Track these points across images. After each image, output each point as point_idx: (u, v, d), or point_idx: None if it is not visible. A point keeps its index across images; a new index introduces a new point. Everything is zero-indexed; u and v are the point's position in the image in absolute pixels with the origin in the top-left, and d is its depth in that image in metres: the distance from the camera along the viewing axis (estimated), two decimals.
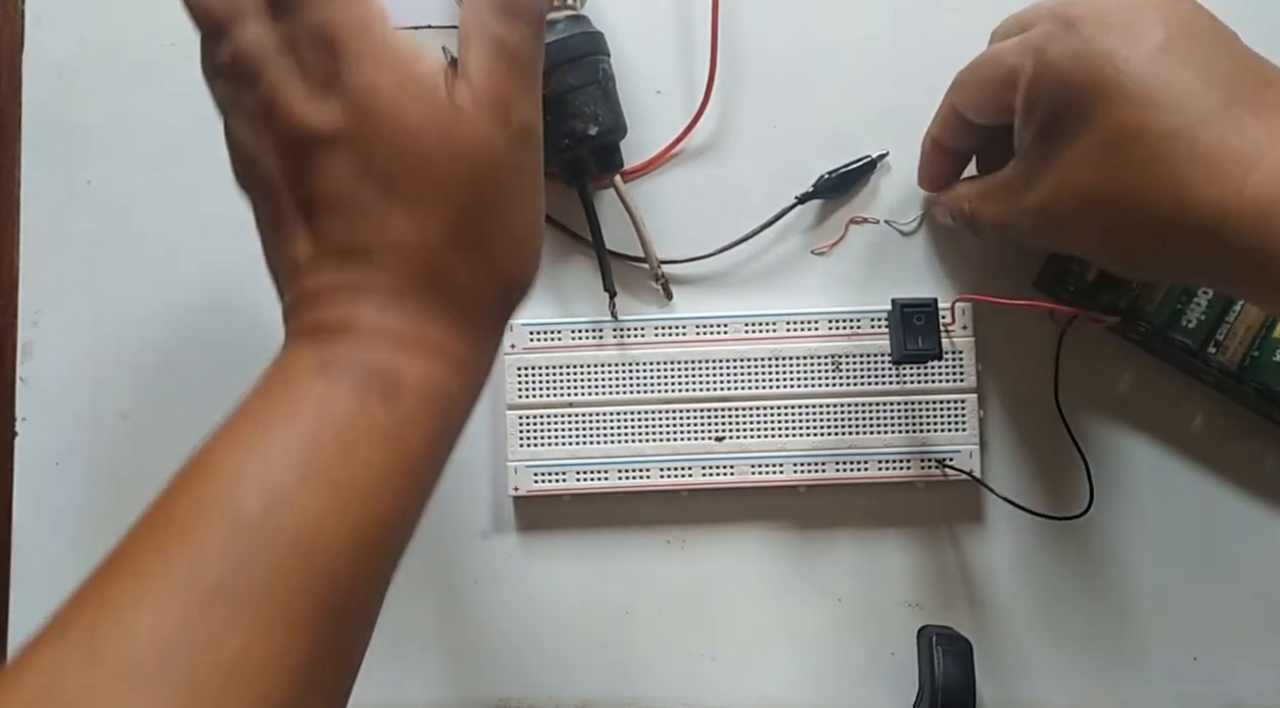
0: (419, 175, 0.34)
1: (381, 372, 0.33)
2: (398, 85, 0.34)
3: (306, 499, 0.31)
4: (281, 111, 0.34)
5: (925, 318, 0.47)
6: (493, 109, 0.35)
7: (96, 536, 0.52)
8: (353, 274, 0.34)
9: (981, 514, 0.51)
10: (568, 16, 0.49)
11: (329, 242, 0.34)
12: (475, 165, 0.34)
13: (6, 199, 0.53)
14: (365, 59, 0.34)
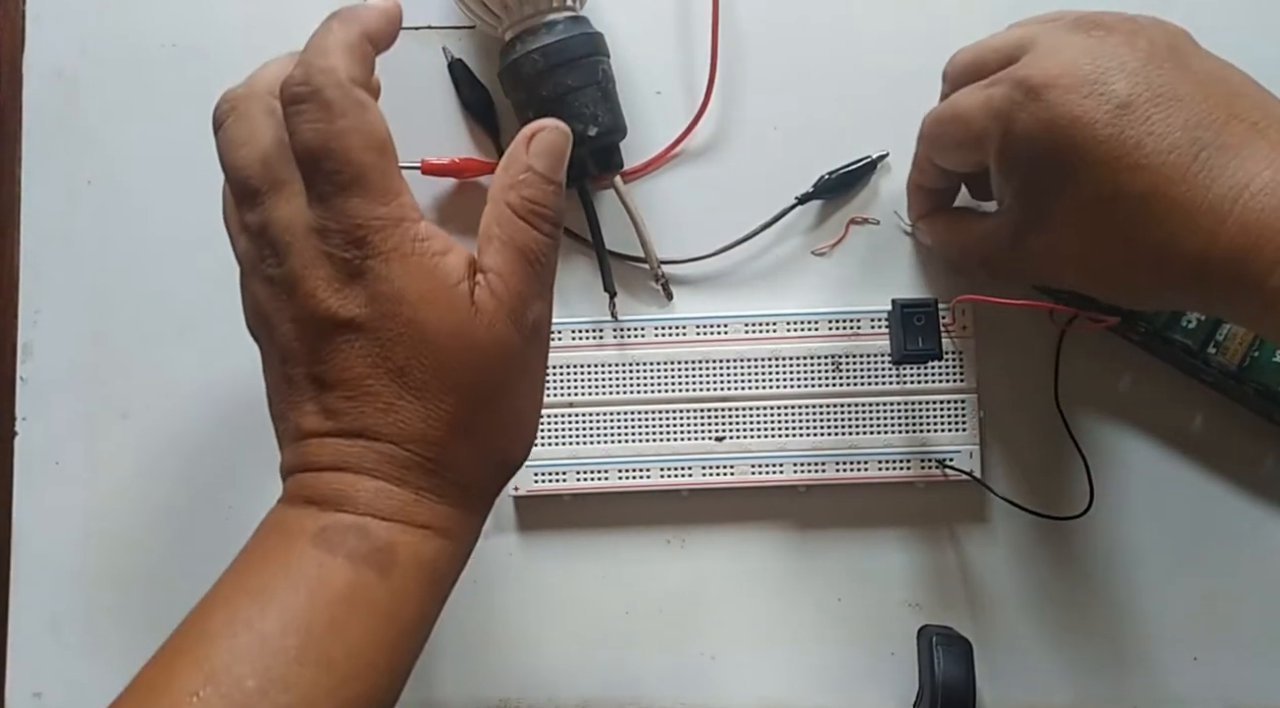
0: (433, 371, 0.35)
1: (378, 546, 0.34)
2: (422, 288, 0.35)
3: (302, 678, 0.32)
4: (305, 291, 0.35)
5: (925, 318, 0.47)
6: (510, 310, 0.36)
7: (96, 535, 0.52)
8: (357, 452, 0.35)
9: (981, 514, 0.51)
10: (568, 17, 0.49)
11: (338, 420, 0.35)
12: (488, 363, 0.36)
13: (6, 199, 0.53)
14: (393, 259, 0.35)
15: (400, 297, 0.34)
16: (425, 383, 0.35)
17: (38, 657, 0.52)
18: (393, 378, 0.34)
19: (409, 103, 0.53)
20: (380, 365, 0.34)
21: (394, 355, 0.34)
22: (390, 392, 0.35)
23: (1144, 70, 0.38)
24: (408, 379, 0.34)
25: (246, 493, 0.52)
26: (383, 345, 0.34)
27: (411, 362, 0.34)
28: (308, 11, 0.54)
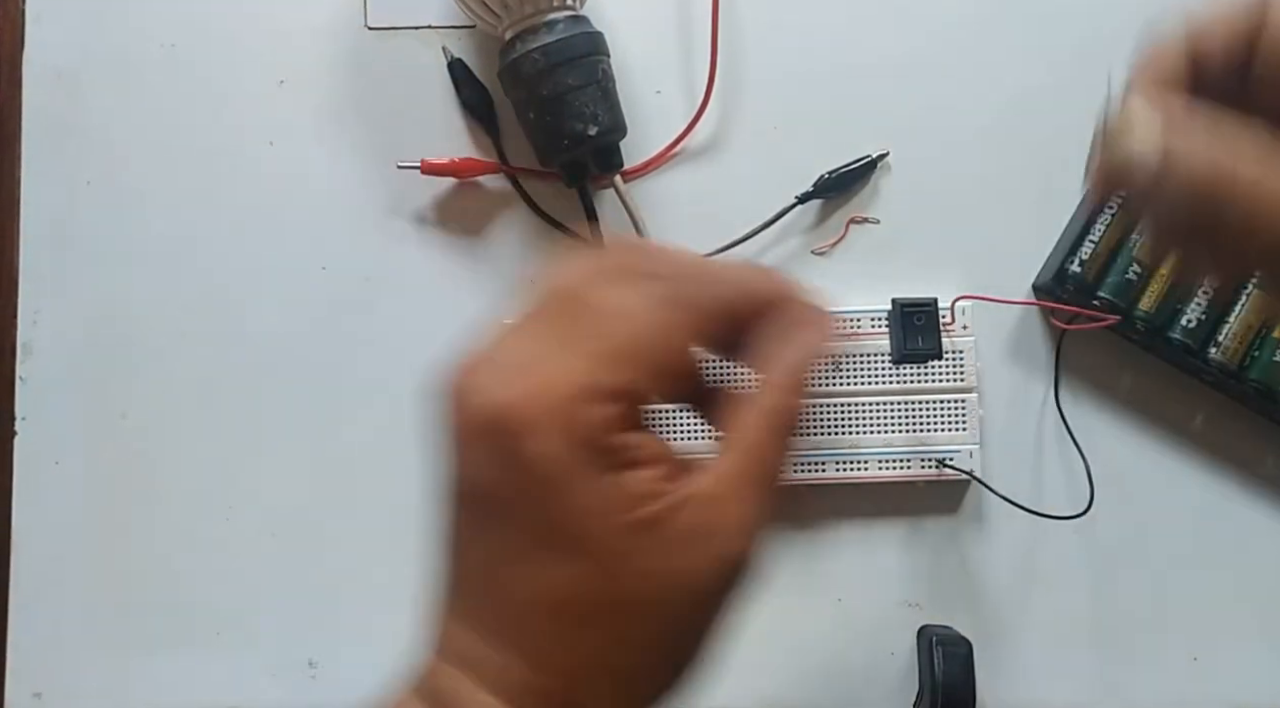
0: (639, 640, 0.29)
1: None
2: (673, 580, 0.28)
3: None
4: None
5: (925, 318, 0.47)
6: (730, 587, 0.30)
7: (96, 535, 0.52)
8: (482, 654, 0.30)
9: (981, 514, 0.51)
10: (568, 17, 0.49)
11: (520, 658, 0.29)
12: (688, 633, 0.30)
13: (6, 199, 0.53)
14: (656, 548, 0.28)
15: (646, 583, 0.28)
16: (626, 656, 0.29)
17: (37, 657, 0.52)
18: (602, 640, 0.29)
19: (409, 102, 0.53)
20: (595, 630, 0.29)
21: (615, 629, 0.29)
22: (593, 653, 0.29)
23: None
24: (613, 654, 0.29)
25: (246, 493, 0.52)
26: (609, 617, 0.28)
27: (631, 637, 0.29)
28: (306, 12, 0.54)
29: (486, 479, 0.28)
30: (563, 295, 0.30)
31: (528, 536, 0.27)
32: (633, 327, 0.28)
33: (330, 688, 0.52)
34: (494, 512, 0.28)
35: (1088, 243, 0.49)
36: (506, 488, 0.27)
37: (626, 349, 0.28)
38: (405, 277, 0.53)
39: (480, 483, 0.28)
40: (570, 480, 0.27)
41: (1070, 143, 0.52)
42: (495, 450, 0.27)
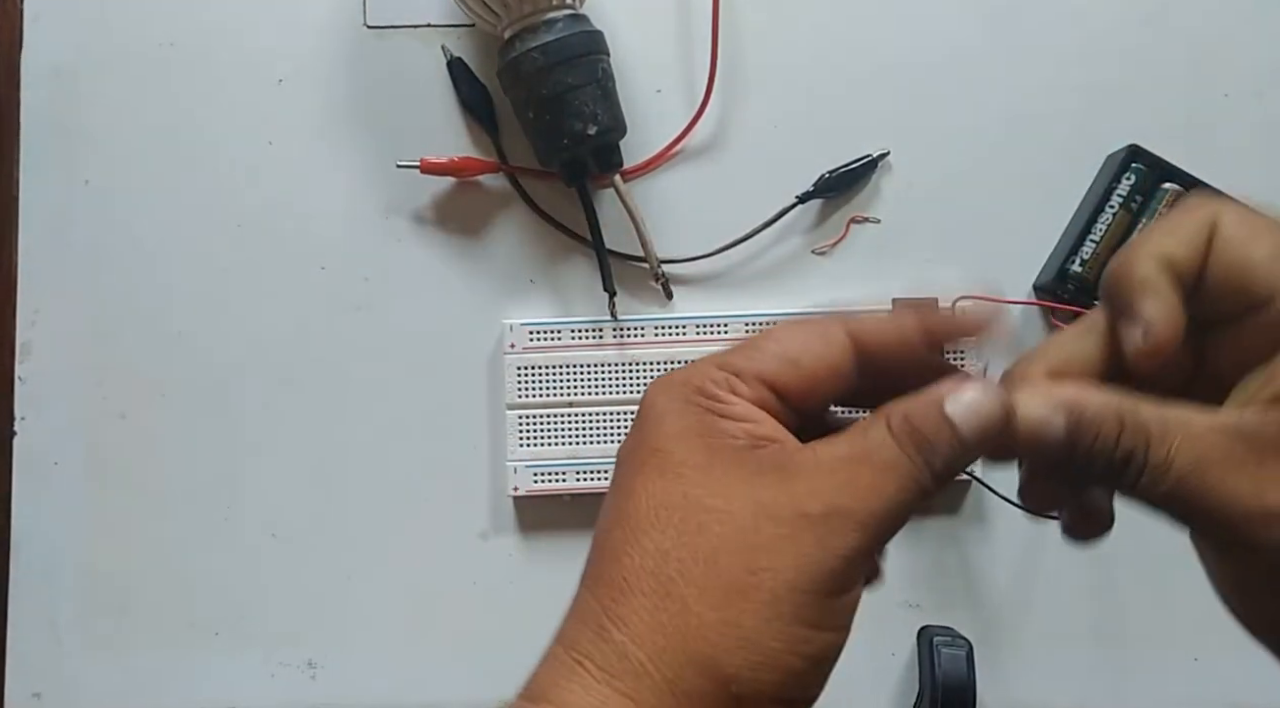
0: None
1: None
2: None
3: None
4: None
5: None
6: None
7: (95, 534, 0.52)
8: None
9: (982, 515, 0.51)
10: (567, 15, 0.49)
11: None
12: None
13: (5, 199, 0.53)
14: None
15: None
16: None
17: (37, 657, 0.52)
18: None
19: (408, 101, 0.53)
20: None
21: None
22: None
23: None
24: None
25: (246, 493, 0.52)
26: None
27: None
28: (305, 10, 0.54)
29: (626, 445, 0.30)
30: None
31: (629, 468, 0.29)
32: (787, 334, 0.29)
33: (330, 688, 0.52)
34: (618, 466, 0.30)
35: (1088, 243, 0.49)
36: (630, 442, 0.30)
37: (768, 347, 0.29)
38: (405, 276, 0.53)
39: (621, 450, 0.30)
40: (666, 413, 0.29)
41: (1071, 143, 0.52)
42: (638, 418, 0.30)
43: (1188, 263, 0.29)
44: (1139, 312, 0.29)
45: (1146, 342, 0.29)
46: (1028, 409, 0.29)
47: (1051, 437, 0.28)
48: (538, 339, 0.51)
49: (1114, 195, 0.50)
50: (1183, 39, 0.52)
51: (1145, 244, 0.30)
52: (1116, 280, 0.30)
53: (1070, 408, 0.28)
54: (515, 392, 0.51)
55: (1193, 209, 0.30)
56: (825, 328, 0.30)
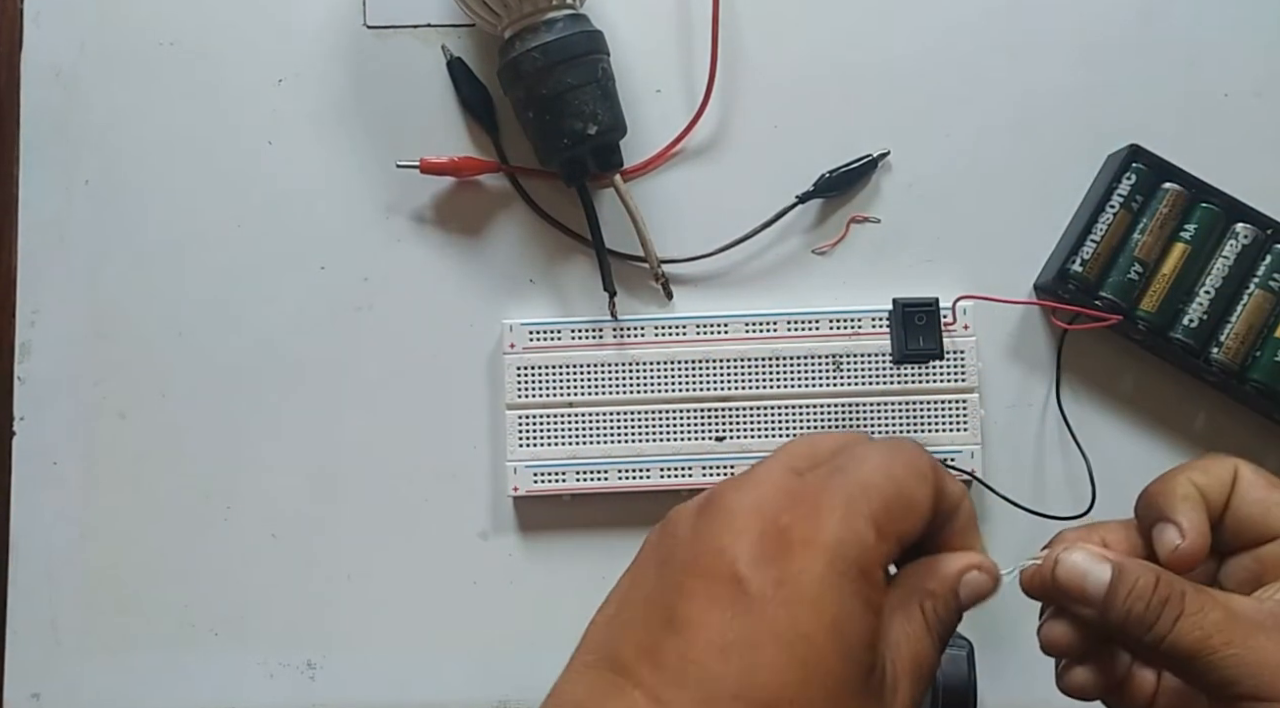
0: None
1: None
2: None
3: None
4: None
5: (926, 317, 0.47)
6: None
7: (94, 535, 0.52)
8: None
9: (983, 515, 0.51)
10: (567, 15, 0.49)
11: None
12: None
13: (5, 198, 0.53)
14: None
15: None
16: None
17: (36, 657, 0.52)
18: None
19: (408, 101, 0.53)
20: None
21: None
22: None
23: None
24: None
25: (246, 493, 0.52)
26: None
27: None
28: (305, 10, 0.54)
29: (745, 570, 0.29)
30: (828, 443, 0.33)
31: (767, 631, 0.28)
32: (895, 482, 0.31)
33: (329, 688, 0.52)
34: (739, 599, 0.29)
35: (1089, 242, 0.49)
36: (759, 582, 0.29)
37: (893, 498, 0.30)
38: (405, 276, 0.53)
39: (737, 569, 0.29)
40: (825, 595, 0.29)
41: (1071, 143, 0.52)
42: (763, 547, 0.29)
43: (1216, 496, 0.35)
44: (1178, 520, 0.35)
45: (1182, 546, 0.34)
46: (1075, 559, 0.34)
47: (1095, 580, 0.33)
48: (538, 339, 0.51)
49: (1114, 195, 0.50)
50: (1183, 39, 0.52)
51: (1182, 472, 0.36)
52: (1157, 494, 0.36)
53: (1114, 561, 0.34)
54: (515, 392, 0.51)
55: (1218, 459, 0.36)
56: (923, 471, 0.32)
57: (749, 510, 0.30)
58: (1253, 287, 0.49)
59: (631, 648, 0.29)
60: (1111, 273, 0.49)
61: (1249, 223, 0.49)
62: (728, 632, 0.28)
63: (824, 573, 0.29)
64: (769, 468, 0.32)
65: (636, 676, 0.29)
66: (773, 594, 0.29)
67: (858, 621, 0.29)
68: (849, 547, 0.29)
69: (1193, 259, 0.49)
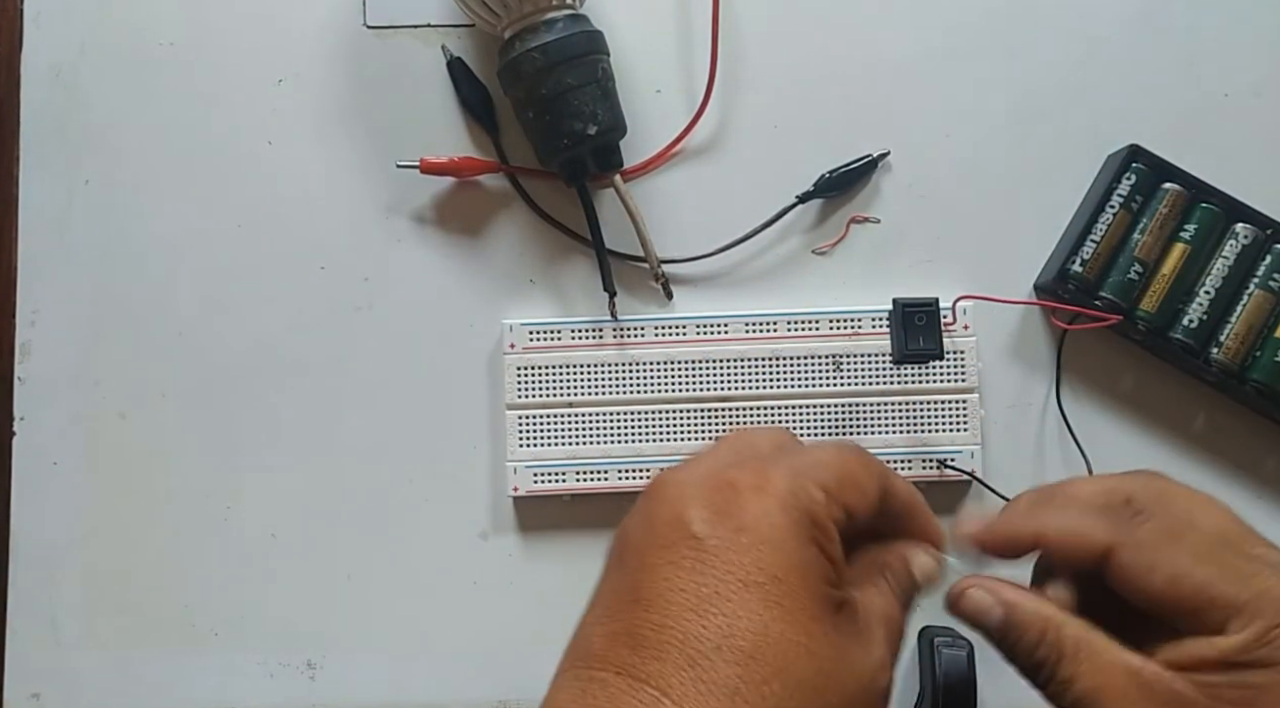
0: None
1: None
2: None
3: None
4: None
5: (927, 318, 0.47)
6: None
7: (94, 535, 0.52)
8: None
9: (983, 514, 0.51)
10: (567, 15, 0.49)
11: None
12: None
13: (5, 199, 0.53)
14: None
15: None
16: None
17: (36, 657, 0.52)
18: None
19: (408, 101, 0.53)
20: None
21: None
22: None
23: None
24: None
25: (246, 493, 0.52)
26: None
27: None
28: (305, 10, 0.54)
29: (700, 528, 0.29)
30: (766, 436, 0.34)
31: (734, 579, 0.29)
32: (841, 460, 0.32)
33: (329, 688, 0.52)
34: (701, 557, 0.29)
35: (1089, 243, 0.49)
36: (717, 537, 0.29)
37: (839, 472, 0.31)
38: (405, 276, 0.53)
39: (692, 530, 0.30)
40: (786, 537, 0.29)
41: (1071, 143, 0.52)
42: (714, 504, 0.30)
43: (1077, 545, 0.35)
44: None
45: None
46: (976, 597, 0.36)
47: (987, 623, 0.35)
48: (538, 339, 0.51)
49: (1114, 195, 0.50)
50: (1183, 39, 0.52)
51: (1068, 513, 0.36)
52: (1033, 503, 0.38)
53: (1008, 606, 0.35)
54: (515, 392, 0.51)
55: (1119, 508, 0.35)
56: (870, 463, 0.33)
57: (695, 480, 0.31)
58: (1253, 287, 0.49)
59: (603, 638, 0.29)
60: (1111, 273, 0.49)
61: (1249, 223, 0.49)
62: (699, 590, 0.29)
63: (780, 517, 0.30)
64: (709, 451, 0.33)
65: (616, 661, 0.29)
66: (733, 542, 0.29)
67: (819, 561, 0.30)
68: (800, 496, 0.30)
69: (1193, 259, 0.49)
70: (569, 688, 0.29)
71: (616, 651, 0.29)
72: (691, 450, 0.50)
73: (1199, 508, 0.35)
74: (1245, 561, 0.33)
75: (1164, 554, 0.33)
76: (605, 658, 0.29)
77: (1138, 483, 0.36)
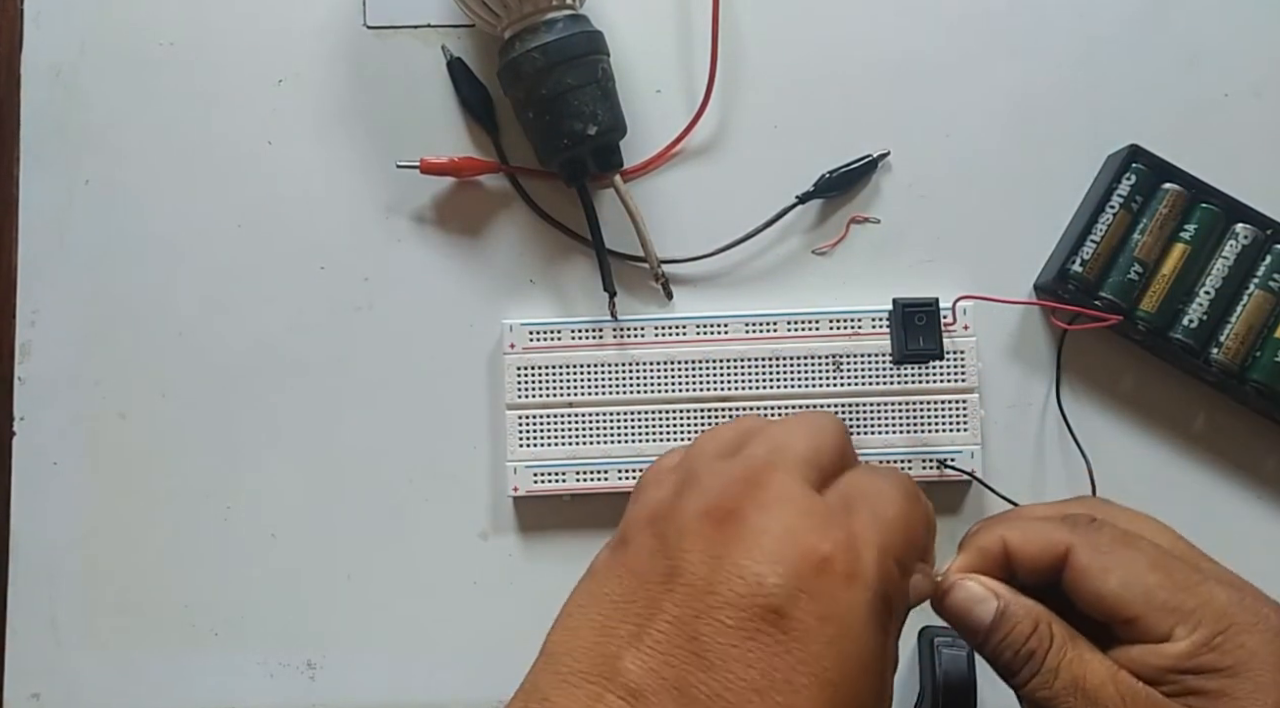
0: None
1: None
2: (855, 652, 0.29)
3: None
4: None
5: (927, 317, 0.47)
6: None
7: (94, 535, 0.52)
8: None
9: (983, 515, 0.51)
10: (567, 16, 0.49)
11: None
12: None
13: (5, 199, 0.53)
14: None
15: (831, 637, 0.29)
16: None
17: (36, 657, 0.52)
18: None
19: (409, 102, 0.53)
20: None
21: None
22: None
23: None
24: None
25: (246, 493, 0.52)
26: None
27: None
28: (305, 10, 0.54)
29: (783, 603, 0.28)
30: (822, 439, 0.33)
31: (809, 672, 0.27)
32: (908, 521, 0.32)
33: (329, 688, 0.52)
34: (779, 640, 0.27)
35: (1089, 243, 0.49)
36: (800, 622, 0.28)
37: (909, 537, 0.31)
38: (405, 276, 0.53)
39: (773, 602, 0.28)
40: (865, 631, 0.28)
41: (1071, 143, 0.52)
42: (801, 579, 0.28)
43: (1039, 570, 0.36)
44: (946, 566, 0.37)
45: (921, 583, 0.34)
46: (970, 588, 0.36)
47: (979, 615, 0.35)
48: (538, 339, 0.51)
49: (1114, 195, 0.50)
50: (1183, 39, 0.52)
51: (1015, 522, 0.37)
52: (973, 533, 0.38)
53: (1002, 598, 0.35)
54: (515, 392, 0.51)
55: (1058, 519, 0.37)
56: (929, 517, 0.34)
57: (780, 535, 0.29)
58: (1253, 287, 0.49)
59: (643, 673, 0.28)
60: (1111, 273, 0.49)
61: (1249, 223, 0.49)
62: (770, 673, 0.27)
63: (868, 611, 0.28)
64: (781, 482, 0.30)
65: (654, 704, 0.27)
66: (817, 632, 0.28)
67: (889, 658, 0.29)
68: (884, 583, 0.29)
69: (1193, 259, 0.49)
70: (589, 699, 0.28)
71: (665, 699, 0.27)
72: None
73: (1145, 525, 0.37)
74: (1191, 571, 0.35)
75: (1118, 557, 0.35)
76: (646, 698, 0.27)
77: (1087, 505, 0.38)
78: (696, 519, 0.30)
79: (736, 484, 0.30)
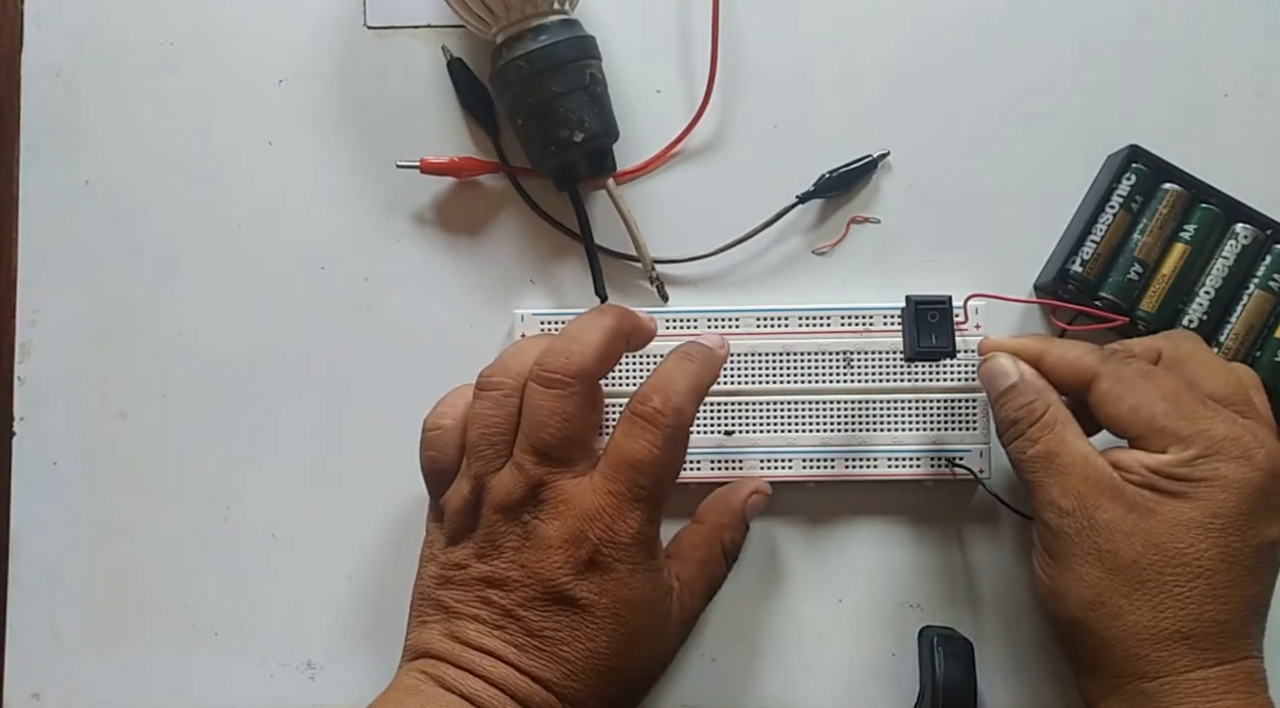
0: (620, 662, 0.42)
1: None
2: (646, 599, 0.42)
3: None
4: (552, 559, 0.41)
5: (940, 315, 0.46)
6: (686, 620, 0.45)
7: (95, 535, 0.52)
8: (525, 690, 0.41)
9: (990, 514, 0.51)
10: (556, 21, 0.48)
11: (522, 658, 0.41)
12: (653, 665, 0.45)
13: (5, 199, 0.53)
14: (639, 571, 0.42)
15: (629, 602, 0.41)
16: (611, 671, 0.41)
17: (36, 657, 0.52)
18: (587, 658, 0.41)
19: (409, 102, 0.53)
20: (582, 643, 0.41)
21: (596, 641, 0.41)
22: (580, 666, 0.41)
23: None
24: (597, 662, 0.41)
25: (244, 493, 0.52)
26: (591, 631, 0.41)
27: (605, 652, 0.41)
28: (305, 10, 0.54)
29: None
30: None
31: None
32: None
33: (329, 688, 0.52)
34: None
35: (1089, 243, 0.49)
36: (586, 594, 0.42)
37: (660, 483, 0.43)
38: (405, 276, 0.53)
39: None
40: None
41: (1071, 143, 0.52)
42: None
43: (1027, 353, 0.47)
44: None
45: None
46: (1001, 361, 0.46)
47: (999, 383, 0.45)
48: (549, 330, 0.51)
49: (1114, 195, 0.50)
50: (1183, 38, 0.53)
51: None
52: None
53: (1024, 372, 0.45)
54: None
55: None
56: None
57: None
58: (1252, 287, 0.49)
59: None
60: (1111, 273, 0.50)
61: (1249, 223, 0.49)
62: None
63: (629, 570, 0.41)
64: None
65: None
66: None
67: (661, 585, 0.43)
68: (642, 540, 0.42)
69: (1193, 259, 0.49)
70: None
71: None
72: (702, 443, 0.50)
73: (1206, 369, 0.43)
74: (1201, 405, 0.41)
75: (1134, 386, 0.42)
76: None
77: (1170, 341, 0.45)
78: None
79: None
